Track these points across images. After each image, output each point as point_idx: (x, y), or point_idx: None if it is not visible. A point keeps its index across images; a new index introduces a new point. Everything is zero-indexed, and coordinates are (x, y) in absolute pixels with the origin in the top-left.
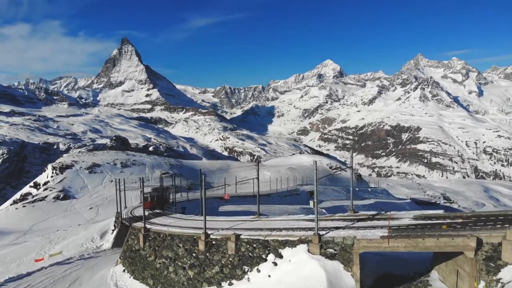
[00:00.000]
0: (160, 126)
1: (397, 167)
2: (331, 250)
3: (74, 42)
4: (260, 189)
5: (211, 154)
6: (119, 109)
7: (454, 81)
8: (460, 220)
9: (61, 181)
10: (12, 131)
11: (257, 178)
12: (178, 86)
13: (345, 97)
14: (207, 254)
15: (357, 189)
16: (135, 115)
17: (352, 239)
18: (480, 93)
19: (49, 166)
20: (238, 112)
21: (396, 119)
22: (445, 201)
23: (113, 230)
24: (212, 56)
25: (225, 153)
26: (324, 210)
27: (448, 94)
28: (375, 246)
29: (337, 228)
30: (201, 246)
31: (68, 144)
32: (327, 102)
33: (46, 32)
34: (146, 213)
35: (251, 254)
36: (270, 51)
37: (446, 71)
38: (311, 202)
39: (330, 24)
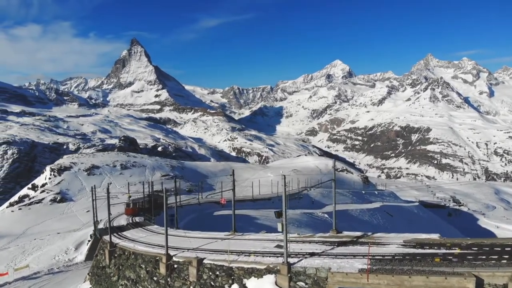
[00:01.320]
0: (169, 126)
1: (407, 168)
2: (302, 284)
3: (84, 43)
4: (261, 192)
5: (219, 154)
6: (128, 110)
7: (465, 81)
8: (457, 251)
9: (58, 183)
10: (22, 131)
11: (233, 189)
12: (187, 87)
13: (354, 98)
14: (168, 279)
15: (363, 192)
16: (144, 115)
17: (326, 271)
18: (491, 94)
19: (47, 168)
20: (246, 112)
21: (405, 119)
22: (455, 204)
23: (89, 241)
24: (221, 56)
25: (233, 154)
26: (326, 215)
27: (459, 94)
28: (351, 282)
29: (312, 254)
30: (162, 269)
31: (78, 144)
32: (336, 102)
33: (56, 33)
34: (124, 222)
35: (213, 283)
36: (279, 52)
37: (456, 71)
38: (279, 225)
39: (339, 24)
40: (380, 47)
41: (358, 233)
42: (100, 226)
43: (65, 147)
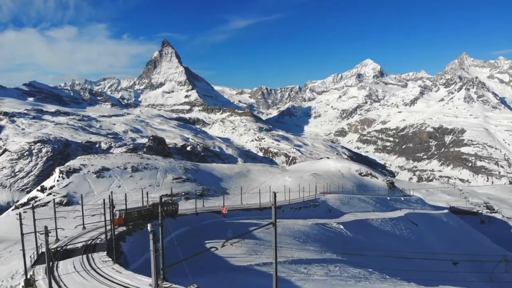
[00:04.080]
0: (198, 126)
1: (440, 171)
2: None
3: (118, 45)
4: (271, 199)
5: (246, 154)
6: (159, 110)
7: (501, 81)
8: None
9: (66, 185)
10: (57, 130)
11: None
12: (216, 87)
13: (386, 98)
14: None
15: (388, 198)
16: (174, 115)
17: None
18: None
19: (57, 170)
20: (274, 112)
21: (439, 120)
22: (488, 210)
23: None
24: (250, 57)
25: (260, 154)
26: (341, 227)
27: (495, 95)
28: None
29: None
30: None
31: (110, 143)
32: (366, 102)
33: (92, 35)
34: (84, 241)
35: None
36: (308, 51)
37: (492, 71)
38: None
39: (370, 23)
40: (413, 46)
41: None
42: (57, 244)
43: (97, 146)
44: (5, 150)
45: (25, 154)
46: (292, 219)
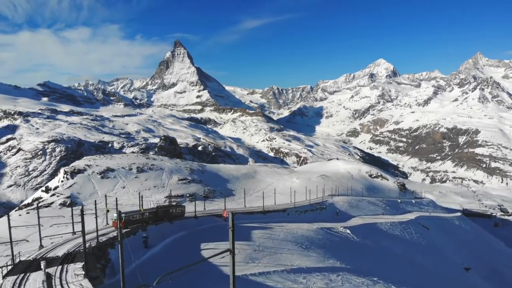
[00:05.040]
0: (209, 126)
1: (453, 172)
2: None
3: (131, 45)
4: (277, 202)
5: (257, 154)
6: (171, 110)
7: None
8: None
9: (70, 186)
10: (70, 129)
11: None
12: (227, 88)
13: (399, 98)
14: None
15: (399, 200)
16: (186, 115)
17: None
18: None
19: (62, 170)
20: (285, 112)
21: (452, 121)
22: (502, 213)
23: None
24: (261, 57)
25: (271, 154)
26: (348, 231)
27: (510, 95)
28: None
29: None
30: None
31: (122, 142)
32: (379, 102)
33: (105, 36)
34: (65, 250)
35: None
36: (320, 51)
37: (507, 70)
38: None
39: (382, 22)
40: (427, 45)
41: None
42: (38, 252)
43: (110, 145)
44: (19, 149)
45: (39, 153)
46: (296, 223)
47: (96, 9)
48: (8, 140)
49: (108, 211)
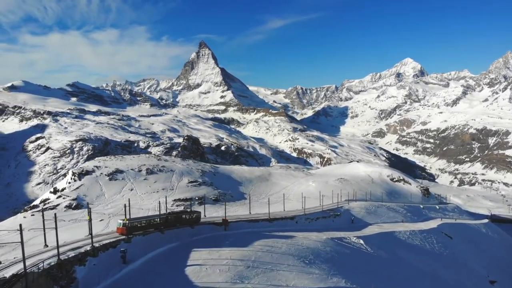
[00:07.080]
0: (233, 126)
1: (483, 174)
2: None
3: (157, 46)
4: (289, 207)
5: (280, 155)
6: (196, 110)
7: None
8: None
9: (77, 188)
10: (97, 129)
11: None
12: (251, 88)
13: (426, 98)
14: None
15: (421, 206)
16: (210, 115)
17: None
18: None
19: (70, 172)
20: (309, 113)
21: (482, 122)
22: None
23: None
24: (285, 57)
25: (294, 154)
26: (361, 241)
27: None
28: None
29: None
30: None
31: (148, 142)
32: (406, 102)
33: (132, 37)
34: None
35: None
36: (345, 51)
37: None
38: None
39: (410, 21)
40: (455, 44)
41: None
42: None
43: (135, 144)
44: (48, 148)
45: (67, 152)
46: (305, 232)
47: (123, 11)
48: (37, 139)
49: (90, 219)
